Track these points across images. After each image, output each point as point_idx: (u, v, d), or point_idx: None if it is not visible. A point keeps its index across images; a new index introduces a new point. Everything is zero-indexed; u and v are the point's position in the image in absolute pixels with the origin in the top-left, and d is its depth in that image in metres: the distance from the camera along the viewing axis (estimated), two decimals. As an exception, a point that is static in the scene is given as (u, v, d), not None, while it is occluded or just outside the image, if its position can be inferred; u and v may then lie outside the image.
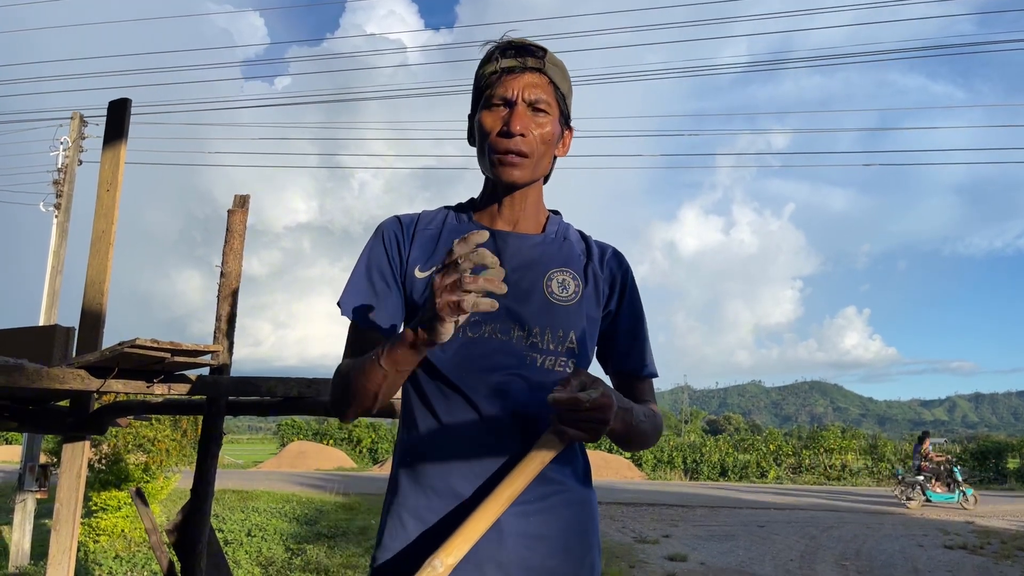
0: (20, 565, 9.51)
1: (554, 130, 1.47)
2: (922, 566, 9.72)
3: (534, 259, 1.47)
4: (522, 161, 1.43)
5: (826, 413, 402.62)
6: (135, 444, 11.01)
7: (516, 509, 1.31)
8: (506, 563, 1.31)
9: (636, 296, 1.57)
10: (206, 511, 2.84)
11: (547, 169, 1.52)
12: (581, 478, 1.45)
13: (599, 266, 1.52)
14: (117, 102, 3.39)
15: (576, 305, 1.45)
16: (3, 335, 3.04)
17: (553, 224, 1.54)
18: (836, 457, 31.06)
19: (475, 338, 1.40)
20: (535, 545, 1.33)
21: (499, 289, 1.15)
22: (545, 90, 1.45)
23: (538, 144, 1.44)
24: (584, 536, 1.40)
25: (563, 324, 1.42)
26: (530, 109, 1.44)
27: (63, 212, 12.60)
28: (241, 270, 2.94)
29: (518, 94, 1.43)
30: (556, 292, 1.45)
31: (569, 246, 1.52)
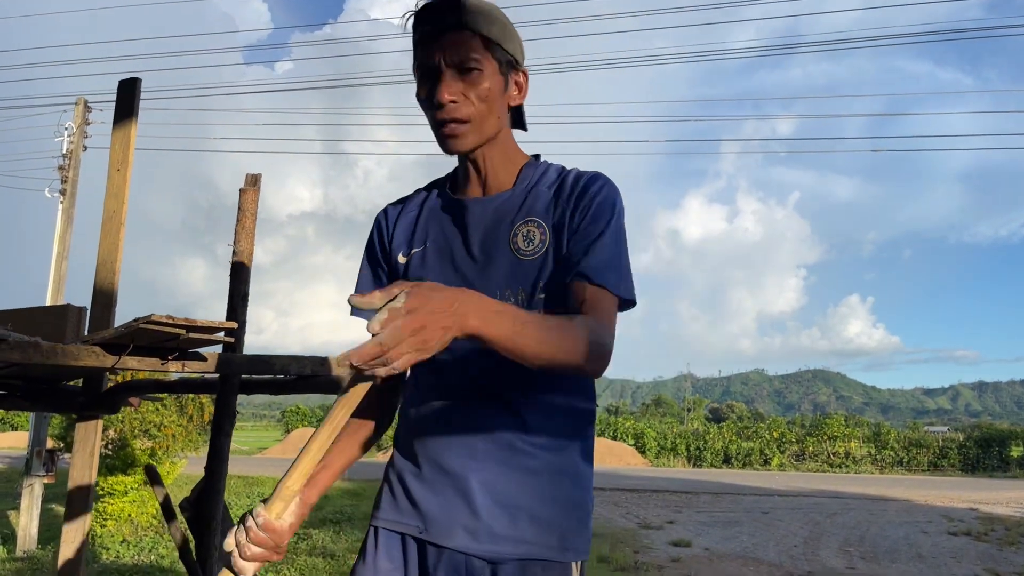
0: (28, 549, 9.57)
1: (493, 84, 1.38)
2: (926, 552, 9.74)
3: (499, 219, 1.42)
4: (462, 128, 1.38)
5: (829, 402, 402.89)
6: (141, 430, 11.05)
7: (485, 477, 1.32)
8: (474, 529, 1.31)
9: (605, 210, 1.37)
10: (220, 489, 2.85)
11: (498, 124, 1.43)
12: (560, 447, 1.36)
13: (567, 198, 1.40)
14: (127, 81, 3.39)
15: (544, 255, 1.37)
16: (16, 315, 3.04)
17: (526, 173, 1.46)
18: (839, 445, 31.13)
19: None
20: (500, 513, 1.31)
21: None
22: (470, 46, 1.36)
23: (476, 104, 1.37)
24: (555, 505, 1.33)
25: (531, 279, 1.36)
26: (458, 71, 1.36)
27: (68, 198, 12.60)
28: (253, 249, 2.95)
29: (440, 59, 1.36)
30: (522, 247, 1.38)
31: (538, 192, 1.43)
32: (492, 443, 1.33)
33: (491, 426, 1.34)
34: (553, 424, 1.35)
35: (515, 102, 1.46)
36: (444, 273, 1.42)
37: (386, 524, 1.41)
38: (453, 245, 1.44)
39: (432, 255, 1.46)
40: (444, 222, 1.47)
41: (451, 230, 1.46)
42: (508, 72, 1.43)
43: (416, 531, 1.36)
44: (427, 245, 1.47)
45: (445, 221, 1.47)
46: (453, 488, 1.33)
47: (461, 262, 1.42)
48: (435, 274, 1.43)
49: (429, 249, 1.47)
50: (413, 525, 1.37)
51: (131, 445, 10.27)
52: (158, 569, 8.27)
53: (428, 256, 1.46)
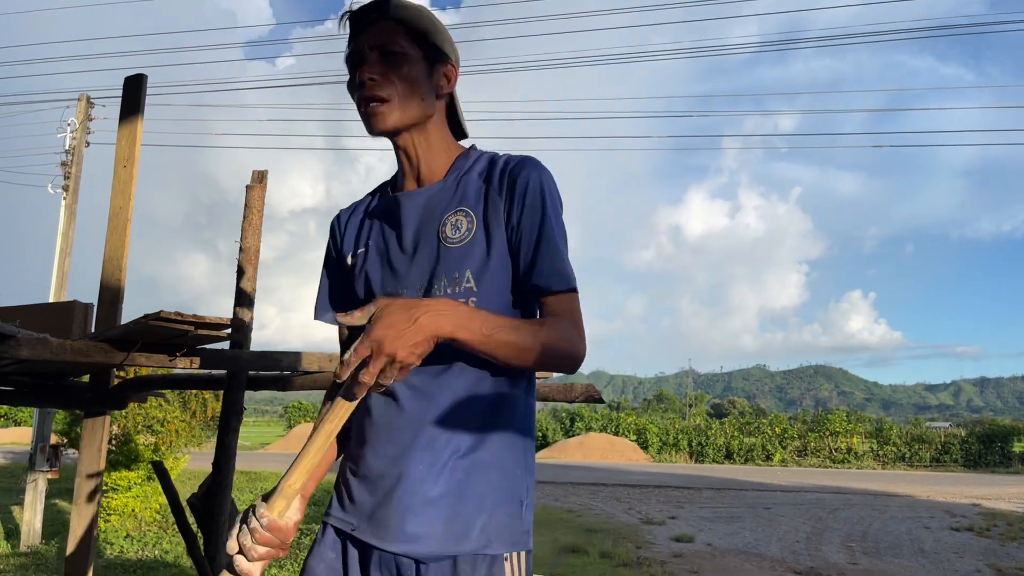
0: (32, 544, 9.59)
1: (416, 69, 1.43)
2: (929, 548, 9.75)
3: (431, 210, 1.45)
4: (382, 106, 1.41)
5: (831, 397, 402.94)
6: (144, 425, 11.08)
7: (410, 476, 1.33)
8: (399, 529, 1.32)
9: (537, 202, 1.39)
10: (228, 484, 2.86)
11: (422, 110, 1.45)
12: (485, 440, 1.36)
13: (498, 184, 1.42)
14: (133, 78, 3.39)
15: (470, 242, 1.39)
16: (23, 311, 3.05)
17: (459, 164, 1.48)
18: (841, 440, 31.13)
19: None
20: (425, 511, 1.32)
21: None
22: (393, 33, 1.42)
23: (397, 85, 1.41)
24: (482, 499, 1.33)
25: (457, 265, 1.38)
26: (381, 54, 1.42)
27: (71, 194, 12.60)
28: (260, 245, 2.95)
29: (365, 45, 1.42)
30: (449, 235, 1.41)
31: (468, 181, 1.45)
32: (415, 441, 1.34)
33: (415, 424, 1.35)
34: (476, 418, 1.36)
35: (445, 90, 1.49)
36: (379, 270, 1.47)
37: (331, 520, 1.44)
38: (388, 241, 1.48)
39: (372, 254, 1.50)
40: (382, 220, 1.51)
41: (387, 227, 1.50)
42: (435, 62, 1.47)
43: (350, 528, 1.39)
44: (368, 245, 1.51)
45: (383, 219, 1.51)
46: (382, 488, 1.35)
47: (393, 257, 1.46)
48: (372, 272, 1.47)
49: (370, 248, 1.51)
50: (349, 523, 1.39)
51: (134, 441, 10.30)
52: (162, 564, 8.29)
53: (369, 255, 1.50)
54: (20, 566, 8.37)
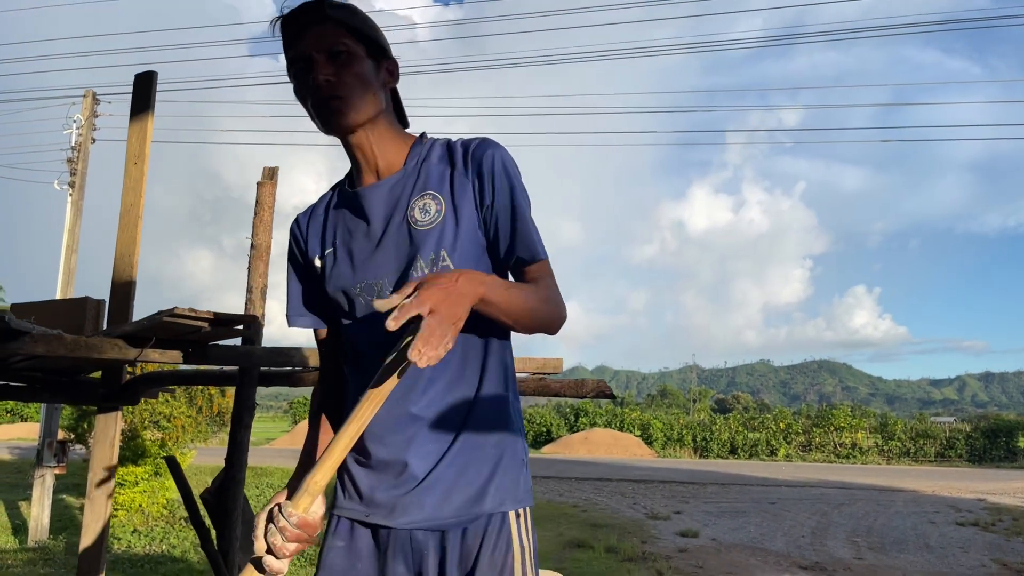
0: (39, 540, 9.64)
1: (360, 64, 1.46)
2: (934, 543, 9.75)
3: (395, 198, 1.48)
4: (340, 103, 1.44)
5: (835, 392, 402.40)
6: (151, 421, 11.12)
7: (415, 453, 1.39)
8: (411, 505, 1.39)
9: (504, 179, 1.46)
10: (240, 479, 2.88)
11: (376, 103, 1.50)
12: (478, 407, 1.43)
13: (463, 167, 1.48)
14: (143, 75, 3.40)
15: (442, 222, 1.44)
16: (37, 307, 3.07)
17: (415, 151, 1.53)
18: (846, 435, 31.11)
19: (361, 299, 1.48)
20: (434, 483, 1.39)
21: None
22: (336, 34, 1.45)
23: (349, 82, 1.45)
24: (485, 464, 1.41)
25: (432, 247, 1.42)
26: (328, 55, 1.44)
27: (77, 190, 12.64)
28: (271, 242, 2.97)
29: (310, 48, 1.44)
30: (419, 219, 1.45)
31: (429, 166, 1.50)
32: (420, 423, 1.40)
33: (417, 406, 1.41)
34: (472, 389, 1.43)
35: (390, 84, 1.54)
36: (352, 265, 1.50)
37: (341, 512, 1.48)
38: (356, 236, 1.51)
39: (340, 252, 1.53)
40: (346, 217, 1.54)
41: (352, 222, 1.52)
42: (378, 57, 1.51)
43: (363, 516, 1.44)
44: (335, 244, 1.54)
45: (347, 215, 1.54)
46: (393, 473, 1.41)
47: (363, 250, 1.49)
48: (344, 269, 1.50)
49: (338, 246, 1.53)
50: (360, 511, 1.44)
51: (141, 436, 10.35)
52: (170, 559, 8.33)
53: (338, 254, 1.53)
54: (28, 561, 8.41)
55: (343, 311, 1.51)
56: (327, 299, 1.54)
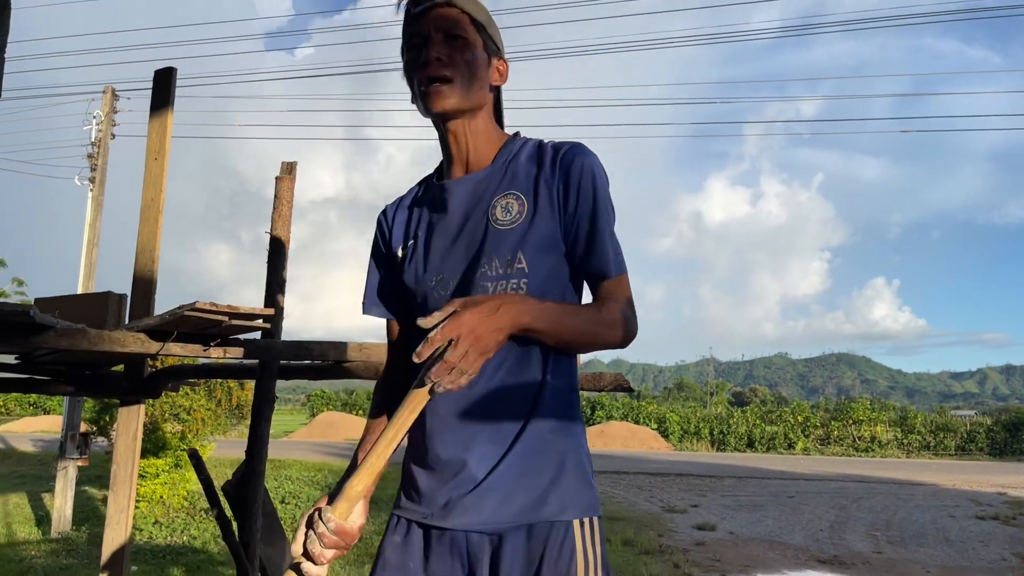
0: (62, 531, 9.78)
1: (476, 53, 1.47)
2: (954, 536, 9.69)
3: (480, 195, 1.47)
4: (447, 88, 1.43)
5: (854, 385, 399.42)
6: (171, 414, 11.23)
7: (476, 455, 1.37)
8: (469, 507, 1.36)
9: (589, 189, 1.43)
10: (261, 472, 2.91)
11: (480, 97, 1.49)
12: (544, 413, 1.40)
13: (550, 171, 1.45)
14: (163, 71, 3.43)
15: (523, 224, 1.42)
16: (60, 301, 3.12)
17: (505, 149, 1.51)
18: (865, 429, 30.91)
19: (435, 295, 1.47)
20: (493, 486, 1.36)
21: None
22: (459, 20, 1.46)
23: (461, 67, 1.44)
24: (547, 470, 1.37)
25: (509, 247, 1.40)
26: (446, 37, 1.45)
27: (97, 185, 12.75)
28: (290, 236, 2.99)
29: (430, 27, 1.44)
30: (500, 217, 1.43)
31: (517, 166, 1.48)
32: (480, 425, 1.38)
33: (477, 408, 1.39)
34: (533, 393, 1.39)
35: (497, 82, 1.53)
36: (429, 258, 1.49)
37: (401, 513, 1.47)
38: (437, 229, 1.50)
39: (421, 244, 1.52)
40: (431, 210, 1.53)
41: (436, 215, 1.52)
42: (491, 54, 1.51)
43: (421, 517, 1.42)
44: (417, 235, 1.54)
45: (432, 208, 1.53)
46: (451, 474, 1.38)
47: (442, 243, 1.48)
48: (421, 261, 1.50)
49: (420, 239, 1.53)
50: (420, 512, 1.42)
51: (162, 429, 10.46)
52: (190, 550, 8.42)
53: (418, 246, 1.53)
54: (51, 552, 8.53)
55: (417, 304, 1.51)
56: (404, 291, 1.54)
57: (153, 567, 7.67)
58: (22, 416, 31.12)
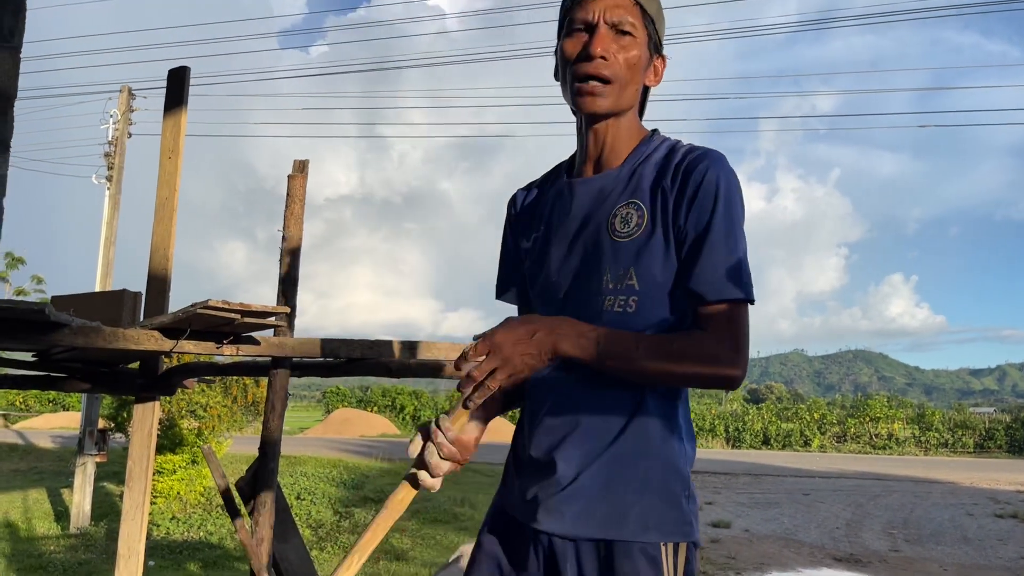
0: (81, 526, 9.88)
1: (641, 53, 1.38)
2: (972, 535, 9.61)
3: (602, 199, 1.40)
4: (604, 88, 1.36)
5: (870, 382, 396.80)
6: (188, 410, 11.31)
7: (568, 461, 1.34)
8: (556, 511, 1.33)
9: (708, 201, 1.31)
10: (274, 469, 2.93)
11: (634, 98, 1.42)
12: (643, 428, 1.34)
13: (671, 179, 1.34)
14: (177, 70, 3.46)
15: (640, 237, 1.33)
16: (76, 299, 3.15)
17: (636, 152, 1.42)
18: (882, 426, 30.68)
19: (549, 294, 1.45)
20: (582, 495, 1.32)
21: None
22: (630, 11, 1.36)
23: (622, 69, 1.36)
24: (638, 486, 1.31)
25: (623, 262, 1.34)
26: (613, 31, 1.36)
27: (114, 184, 12.85)
28: (302, 234, 3.01)
29: (599, 16, 1.35)
30: (618, 228, 1.36)
31: (643, 171, 1.38)
32: (572, 429, 1.35)
33: (573, 412, 1.36)
34: (632, 407, 1.33)
35: (649, 82, 1.45)
36: (549, 257, 1.45)
37: (499, 498, 1.49)
38: (558, 230, 1.45)
39: (542, 240, 1.48)
40: (556, 204, 1.48)
41: (558, 214, 1.46)
42: (652, 52, 1.42)
43: (511, 509, 1.43)
44: (541, 229, 1.49)
45: (557, 203, 1.48)
46: (540, 473, 1.37)
47: (561, 245, 1.43)
48: (542, 258, 1.46)
49: (542, 234, 1.49)
50: (511, 504, 1.43)
51: (179, 425, 10.54)
52: (207, 545, 8.49)
53: (540, 241, 1.49)
54: (70, 547, 8.63)
55: (532, 300, 1.50)
56: (527, 281, 1.52)
57: (170, 562, 7.73)
58: (42, 412, 31.45)
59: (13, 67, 2.67)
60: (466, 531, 9.20)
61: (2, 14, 2.70)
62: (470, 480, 13.78)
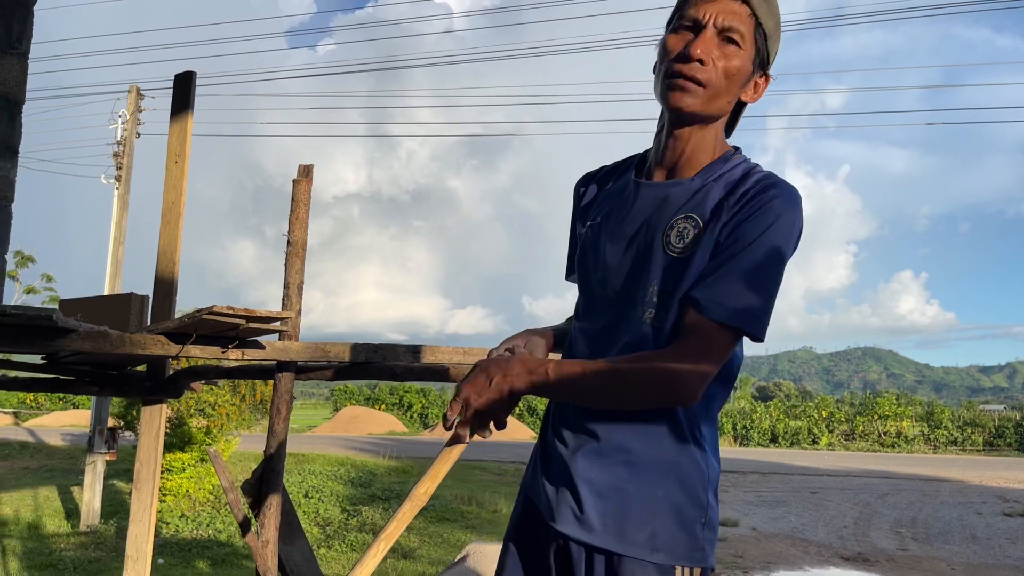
0: (91, 524, 9.95)
1: (743, 65, 1.34)
2: (980, 534, 9.58)
3: (664, 208, 1.36)
4: (695, 88, 1.32)
5: (880, 380, 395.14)
6: (197, 409, 11.38)
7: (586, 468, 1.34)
8: (573, 516, 1.34)
9: (755, 225, 1.27)
10: (279, 471, 2.95)
11: (724, 109, 1.38)
12: (661, 445, 1.33)
13: (734, 201, 1.30)
14: (183, 75, 3.49)
15: (691, 256, 1.30)
16: (83, 303, 3.19)
17: (714, 167, 1.38)
18: (891, 424, 30.57)
19: (594, 288, 1.46)
20: (597, 505, 1.32)
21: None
22: (743, 20, 1.32)
23: (719, 76, 1.33)
24: (650, 504, 1.31)
25: (673, 277, 1.31)
26: (719, 37, 1.32)
27: (123, 184, 12.92)
28: (307, 239, 3.03)
29: (710, 18, 1.32)
30: (673, 242, 1.32)
31: (711, 188, 1.34)
32: (593, 436, 1.36)
33: (594, 420, 1.36)
34: (653, 422, 1.33)
35: (750, 100, 1.42)
36: (601, 254, 1.44)
37: (524, 488, 1.52)
38: (615, 226, 1.43)
39: (598, 232, 1.46)
40: (618, 200, 1.46)
41: (620, 210, 1.44)
42: (756, 68, 1.38)
43: (536, 500, 1.45)
44: (599, 220, 1.47)
45: (620, 199, 1.46)
46: (557, 474, 1.39)
47: (616, 245, 1.41)
48: (593, 252, 1.46)
49: (599, 225, 1.47)
50: (533, 496, 1.46)
51: (188, 424, 10.60)
52: (216, 543, 8.55)
53: (595, 231, 1.47)
54: (80, 545, 8.69)
55: (579, 286, 1.51)
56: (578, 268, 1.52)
57: (179, 560, 7.79)
58: (52, 410, 31.64)
59: (21, 73, 2.70)
60: (473, 529, 9.23)
61: (10, 21, 2.73)
62: (477, 479, 13.81)
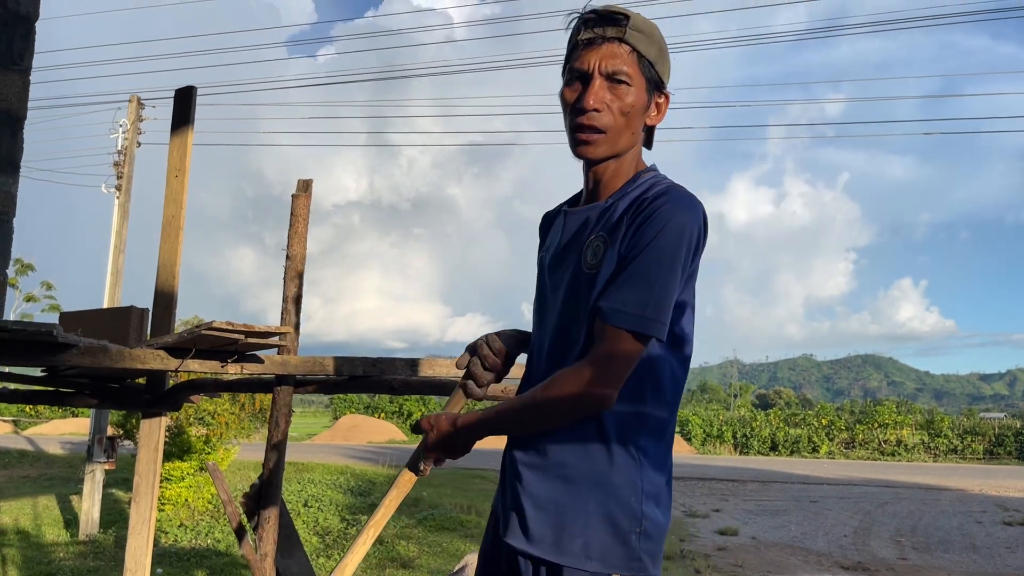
0: (90, 533, 9.93)
1: (637, 100, 1.42)
2: (980, 543, 9.57)
3: (581, 231, 1.47)
4: (598, 137, 1.42)
5: (880, 387, 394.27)
6: (196, 418, 11.38)
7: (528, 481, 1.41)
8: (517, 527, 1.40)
9: (650, 235, 1.33)
10: (277, 483, 2.96)
11: (631, 141, 1.46)
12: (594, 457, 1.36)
13: (632, 214, 1.38)
14: (183, 90, 3.51)
15: (599, 270, 1.38)
16: (84, 316, 3.20)
17: (625, 187, 1.46)
18: (891, 432, 30.53)
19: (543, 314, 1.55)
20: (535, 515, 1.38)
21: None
22: (625, 60, 1.41)
23: (616, 117, 1.42)
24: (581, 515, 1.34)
25: (589, 292, 1.39)
26: (609, 81, 1.41)
27: (124, 193, 12.94)
28: (306, 253, 3.05)
29: (595, 67, 1.41)
30: (589, 260, 1.41)
31: (620, 204, 1.42)
32: (539, 452, 1.41)
33: (539, 437, 1.41)
34: (586, 439, 1.36)
35: (652, 122, 1.50)
36: (544, 283, 1.55)
37: (493, 504, 1.57)
38: (553, 255, 1.54)
39: (542, 263, 1.59)
40: (556, 230, 1.57)
41: (557, 239, 1.54)
42: (652, 92, 1.47)
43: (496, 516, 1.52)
44: (546, 252, 1.59)
45: (556, 229, 1.58)
46: (512, 489, 1.44)
47: (554, 272, 1.52)
48: (540, 279, 1.58)
49: (544, 256, 1.59)
50: (496, 512, 1.52)
51: (187, 433, 10.60)
52: (215, 552, 8.53)
53: (541, 263, 1.60)
54: (79, 554, 8.68)
55: (533, 314, 1.60)
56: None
57: (178, 570, 7.78)
58: (51, 419, 31.60)
59: (23, 89, 2.73)
60: (472, 538, 9.22)
61: (12, 37, 2.76)
62: (476, 487, 13.80)
